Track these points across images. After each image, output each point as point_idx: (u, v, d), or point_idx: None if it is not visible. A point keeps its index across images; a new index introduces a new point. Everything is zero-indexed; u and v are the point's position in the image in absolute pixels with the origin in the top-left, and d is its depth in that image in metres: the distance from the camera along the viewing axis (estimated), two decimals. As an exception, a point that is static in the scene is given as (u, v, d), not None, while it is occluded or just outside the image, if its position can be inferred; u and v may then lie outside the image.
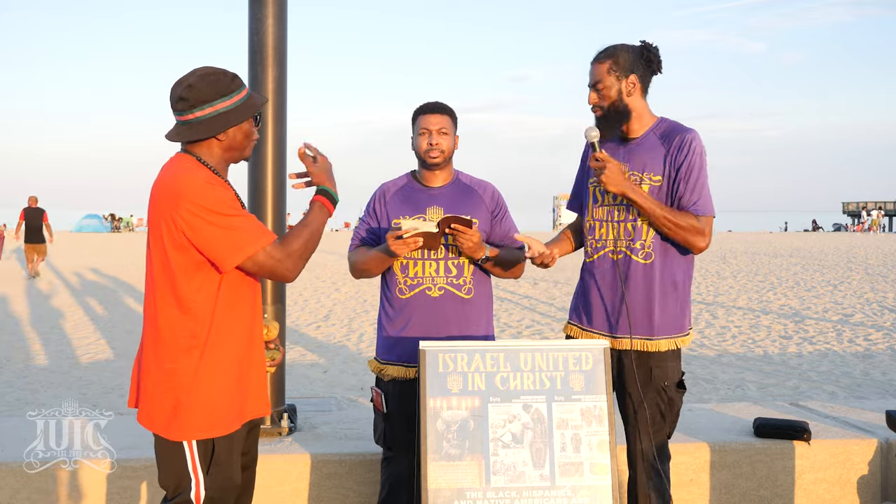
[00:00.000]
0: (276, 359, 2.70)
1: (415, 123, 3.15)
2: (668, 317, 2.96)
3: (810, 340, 10.14)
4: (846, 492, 3.89)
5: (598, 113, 2.99)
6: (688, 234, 2.90)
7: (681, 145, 2.93)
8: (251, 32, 3.99)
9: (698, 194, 2.91)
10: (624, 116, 2.96)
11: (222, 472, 2.43)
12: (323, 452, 3.68)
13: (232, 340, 2.42)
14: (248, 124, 2.46)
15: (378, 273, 3.16)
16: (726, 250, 28.28)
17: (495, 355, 2.72)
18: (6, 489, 3.44)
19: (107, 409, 3.95)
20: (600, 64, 2.97)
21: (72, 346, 9.81)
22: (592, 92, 3.00)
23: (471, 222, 2.93)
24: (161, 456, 2.46)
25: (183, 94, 2.38)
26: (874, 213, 54.90)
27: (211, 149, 2.44)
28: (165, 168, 2.44)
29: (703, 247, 2.94)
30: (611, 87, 2.95)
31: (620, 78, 2.95)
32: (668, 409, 2.95)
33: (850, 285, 16.54)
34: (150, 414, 2.42)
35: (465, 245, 2.95)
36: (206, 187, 2.33)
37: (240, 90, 2.43)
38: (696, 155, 2.92)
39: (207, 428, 2.38)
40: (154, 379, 2.40)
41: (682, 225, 2.88)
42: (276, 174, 4.01)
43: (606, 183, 2.87)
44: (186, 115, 2.39)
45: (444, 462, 2.61)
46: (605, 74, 2.96)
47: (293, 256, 2.39)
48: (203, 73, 2.40)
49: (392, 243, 2.91)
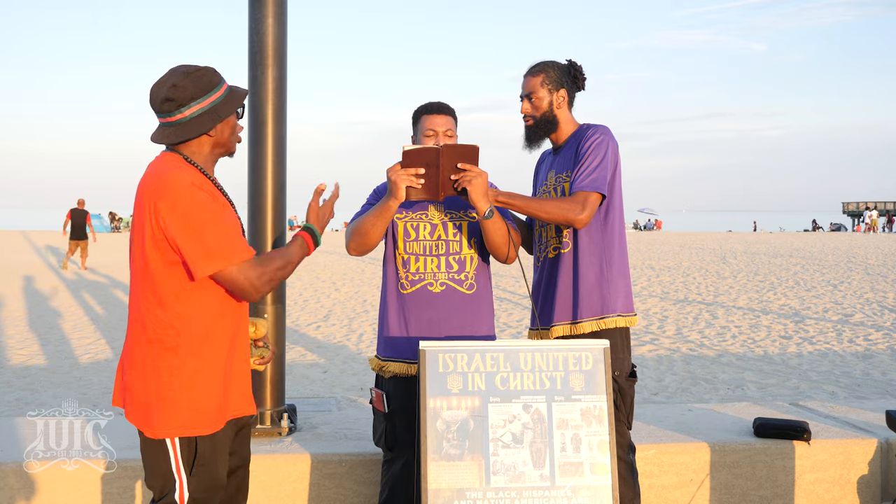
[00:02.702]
0: (266, 357, 2.69)
1: (418, 123, 3.13)
2: (612, 297, 3.08)
3: (810, 340, 10.14)
4: (846, 492, 3.89)
5: (529, 122, 3.18)
6: (561, 213, 2.99)
7: (581, 138, 3.12)
8: (251, 32, 3.99)
9: (582, 173, 3.04)
10: (552, 126, 3.17)
11: (207, 473, 2.42)
12: (323, 452, 3.68)
13: (215, 338, 2.41)
14: (232, 117, 2.45)
15: (376, 236, 3.01)
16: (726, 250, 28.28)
17: (495, 355, 2.71)
18: (6, 489, 3.44)
19: (107, 409, 3.95)
20: (534, 77, 3.17)
21: (72, 346, 9.81)
22: (525, 102, 3.18)
23: (476, 150, 2.88)
24: (146, 456, 2.45)
25: (169, 95, 2.35)
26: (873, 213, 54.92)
27: (200, 146, 2.43)
28: (152, 166, 2.42)
29: (583, 219, 3.00)
30: (543, 99, 3.15)
31: (552, 91, 3.16)
32: (621, 400, 3.03)
33: (850, 285, 16.54)
34: (134, 410, 2.42)
35: (473, 183, 2.85)
36: (190, 190, 2.31)
37: (221, 84, 2.42)
38: (594, 141, 3.08)
39: (189, 426, 2.37)
40: (137, 375, 2.40)
41: (556, 205, 3.00)
42: (276, 175, 4.01)
43: (473, 196, 2.88)
44: (175, 116, 2.37)
45: (444, 462, 2.61)
46: (538, 87, 3.16)
47: (263, 279, 2.38)
48: (185, 70, 2.38)
49: (392, 172, 2.84)
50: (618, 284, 3.12)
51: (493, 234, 2.99)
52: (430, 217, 3.12)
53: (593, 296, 3.08)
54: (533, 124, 3.17)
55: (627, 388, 3.07)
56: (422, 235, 3.09)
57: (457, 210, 3.13)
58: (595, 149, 3.06)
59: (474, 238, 3.11)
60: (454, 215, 3.12)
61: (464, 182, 2.87)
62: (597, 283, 3.09)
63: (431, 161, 2.83)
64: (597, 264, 3.10)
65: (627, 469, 3.09)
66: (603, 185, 3.02)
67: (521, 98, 3.19)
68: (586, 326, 3.07)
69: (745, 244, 32.72)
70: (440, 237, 3.09)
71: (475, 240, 3.11)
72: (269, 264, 2.40)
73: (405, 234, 3.10)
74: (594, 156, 3.05)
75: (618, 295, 3.11)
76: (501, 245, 3.03)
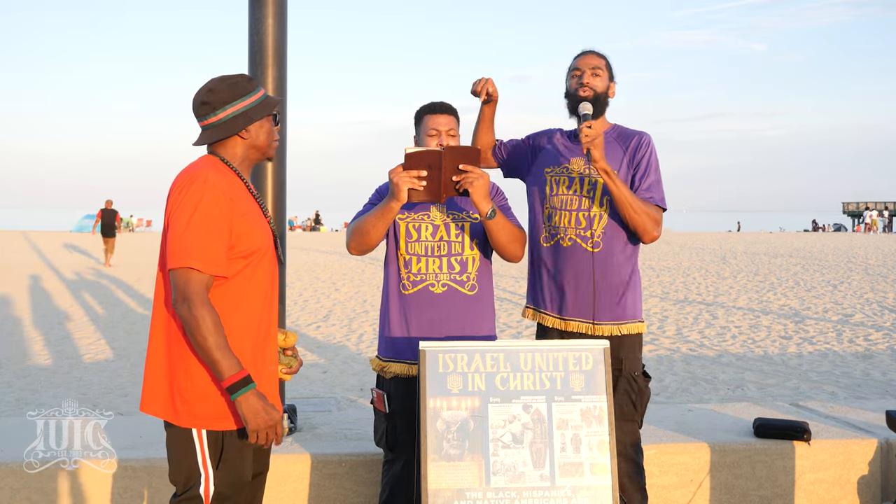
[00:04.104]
0: (293, 367, 2.71)
1: (420, 123, 3.13)
2: (630, 304, 3.14)
3: (810, 340, 10.15)
4: (846, 492, 3.89)
5: (590, 94, 3.13)
6: (647, 221, 3.06)
7: (638, 145, 3.16)
8: (251, 32, 3.99)
9: (656, 188, 3.13)
10: (602, 109, 3.18)
11: (233, 468, 2.44)
12: (323, 452, 3.68)
13: (239, 337, 2.41)
14: (268, 123, 2.56)
15: (377, 236, 3.01)
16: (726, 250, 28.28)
17: (495, 355, 2.71)
18: (6, 489, 3.44)
19: (107, 409, 3.95)
20: (599, 58, 3.21)
21: (72, 346, 9.81)
22: (589, 73, 3.15)
23: (478, 151, 2.91)
24: (172, 450, 2.47)
25: (205, 99, 2.49)
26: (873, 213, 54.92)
27: (235, 148, 2.53)
28: (188, 165, 2.51)
29: (656, 236, 3.12)
30: (604, 80, 3.18)
31: (609, 79, 3.21)
32: (638, 399, 3.08)
33: (850, 285, 16.54)
34: (160, 401, 2.43)
35: (475, 184, 2.86)
36: (205, 186, 2.36)
37: (256, 90, 2.54)
38: (653, 153, 3.17)
39: (216, 418, 2.39)
40: (164, 366, 2.42)
41: (646, 211, 3.06)
42: (276, 175, 4.01)
43: (597, 151, 2.94)
44: (210, 119, 2.49)
45: (444, 462, 2.61)
46: (603, 67, 3.19)
47: (194, 307, 2.29)
48: (221, 78, 2.53)
49: (394, 174, 2.85)
50: (637, 291, 3.17)
51: (498, 234, 3.00)
52: (432, 218, 3.11)
53: (622, 300, 3.11)
54: (594, 97, 3.12)
55: (644, 387, 3.13)
56: (424, 236, 3.09)
57: (459, 211, 3.13)
58: (656, 160, 3.17)
59: (476, 239, 3.11)
60: (456, 216, 3.12)
61: (465, 184, 2.87)
62: (624, 289, 3.13)
63: (433, 163, 2.83)
64: (627, 271, 3.14)
65: (635, 469, 3.10)
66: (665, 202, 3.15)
67: (575, 73, 3.17)
68: (605, 329, 3.10)
69: (745, 244, 32.72)
70: (442, 238, 3.09)
71: (477, 241, 3.11)
72: (206, 322, 2.29)
73: (407, 235, 3.09)
74: (657, 168, 3.16)
75: (637, 301, 3.18)
76: (506, 244, 3.03)
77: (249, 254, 2.44)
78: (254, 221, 2.47)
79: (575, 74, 3.18)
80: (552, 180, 3.21)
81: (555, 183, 3.20)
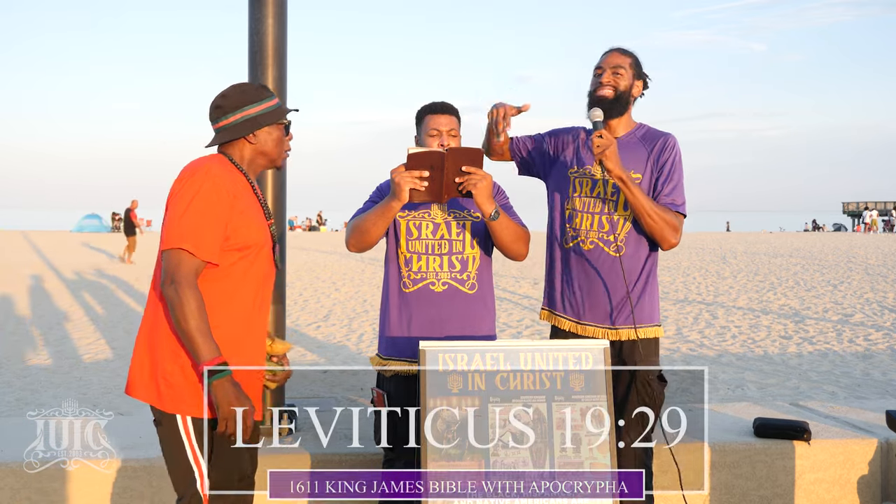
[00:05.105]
0: (277, 375, 2.71)
1: (421, 123, 3.13)
2: (648, 308, 3.14)
3: (810, 340, 10.14)
4: (846, 492, 3.89)
5: (609, 93, 3.07)
6: (665, 228, 3.02)
7: (664, 147, 3.10)
8: (251, 32, 3.99)
9: (678, 193, 3.08)
10: (623, 108, 3.12)
11: (228, 461, 2.45)
12: (323, 452, 3.67)
13: (225, 331, 2.42)
14: (277, 131, 2.61)
15: (377, 234, 3.01)
16: (726, 250, 28.27)
17: (495, 355, 2.71)
18: (6, 489, 3.44)
19: (107, 409, 3.95)
20: (623, 56, 3.14)
21: (72, 346, 9.81)
22: (609, 73, 3.10)
23: (480, 153, 2.89)
24: (165, 450, 2.48)
25: (218, 103, 2.58)
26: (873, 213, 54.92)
27: (242, 151, 2.59)
28: (197, 158, 2.57)
29: (675, 243, 3.08)
30: (626, 78, 3.11)
31: (634, 77, 3.13)
32: (653, 403, 3.05)
33: (850, 285, 16.54)
34: (145, 384, 2.45)
35: (478, 186, 2.85)
36: (206, 177, 2.41)
37: (269, 98, 2.61)
38: (678, 157, 3.11)
39: (201, 405, 2.40)
40: (152, 350, 2.44)
41: (665, 217, 3.02)
42: (276, 175, 4.01)
43: (610, 161, 2.90)
44: (221, 122, 2.57)
45: (444, 462, 2.61)
46: (626, 65, 3.12)
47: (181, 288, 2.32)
48: (235, 84, 2.62)
49: (396, 174, 2.85)
50: (655, 295, 3.17)
51: (502, 234, 3.00)
52: (433, 216, 3.11)
53: (640, 303, 3.11)
54: (613, 97, 3.07)
55: (659, 392, 3.10)
56: (424, 234, 3.09)
57: (460, 209, 3.13)
58: (680, 164, 3.12)
59: (477, 238, 3.11)
60: (457, 214, 3.12)
61: (469, 185, 2.87)
62: (643, 293, 3.12)
63: (435, 164, 2.83)
64: (647, 275, 3.14)
65: (649, 476, 3.11)
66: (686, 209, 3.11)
67: (597, 71, 3.13)
68: (622, 333, 3.10)
69: (745, 244, 32.71)
70: (443, 236, 3.09)
71: (478, 239, 3.11)
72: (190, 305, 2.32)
73: (408, 233, 3.09)
74: (681, 172, 3.11)
75: (654, 305, 3.18)
76: (510, 243, 3.04)
77: (244, 247, 2.47)
78: (252, 219, 2.50)
79: (596, 73, 3.14)
80: (575, 181, 3.17)
81: (578, 184, 3.16)
